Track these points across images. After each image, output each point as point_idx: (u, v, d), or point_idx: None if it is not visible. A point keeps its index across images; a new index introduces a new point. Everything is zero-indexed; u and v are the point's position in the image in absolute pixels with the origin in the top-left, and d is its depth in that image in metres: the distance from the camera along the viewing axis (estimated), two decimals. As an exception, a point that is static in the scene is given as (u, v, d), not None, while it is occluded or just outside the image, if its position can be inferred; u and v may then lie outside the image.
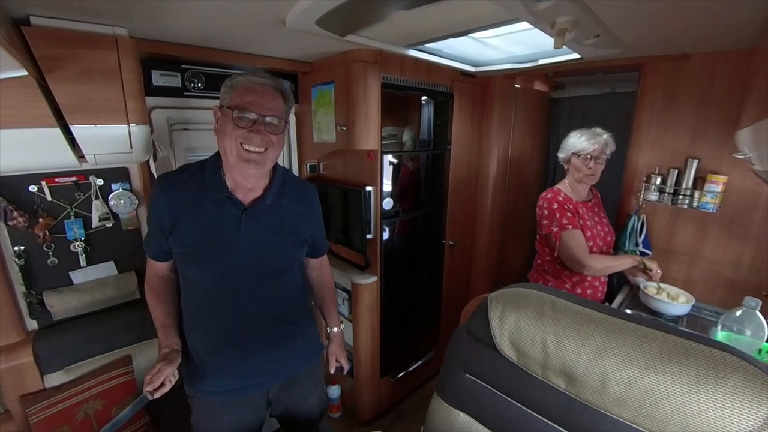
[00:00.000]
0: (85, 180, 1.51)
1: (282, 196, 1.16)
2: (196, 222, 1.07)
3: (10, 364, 1.38)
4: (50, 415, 1.39)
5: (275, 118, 1.04)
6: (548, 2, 0.99)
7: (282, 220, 1.16)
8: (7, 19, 1.05)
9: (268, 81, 1.05)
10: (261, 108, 1.01)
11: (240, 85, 1.02)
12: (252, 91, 1.02)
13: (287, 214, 1.17)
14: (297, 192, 1.21)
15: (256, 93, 1.02)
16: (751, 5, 1.07)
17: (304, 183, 1.31)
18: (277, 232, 1.15)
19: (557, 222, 1.65)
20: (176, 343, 1.11)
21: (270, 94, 1.04)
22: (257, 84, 1.03)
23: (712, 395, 0.63)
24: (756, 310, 1.17)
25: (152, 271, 1.20)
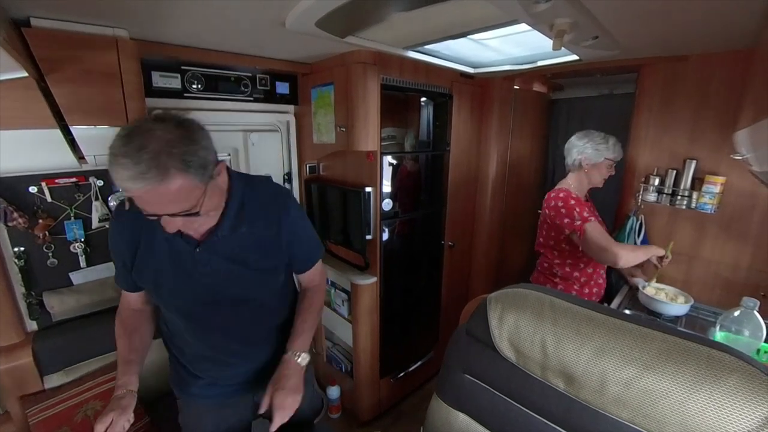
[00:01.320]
0: (85, 181, 1.51)
1: (239, 222, 1.01)
2: (152, 259, 0.99)
3: (9, 365, 1.38)
4: (50, 416, 1.39)
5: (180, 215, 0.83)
6: (547, 4, 0.99)
7: (243, 248, 1.03)
8: (8, 20, 1.06)
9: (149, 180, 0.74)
10: (156, 211, 0.81)
11: (122, 187, 0.77)
12: (134, 195, 0.78)
13: (248, 240, 1.03)
14: (260, 213, 1.05)
15: (141, 200, 0.80)
16: (748, 6, 1.08)
17: (271, 198, 1.09)
18: (237, 262, 1.02)
19: (579, 216, 1.60)
20: (133, 383, 1.01)
21: (159, 199, 0.78)
22: (137, 189, 0.76)
23: (710, 395, 0.63)
24: (754, 310, 1.17)
25: (125, 303, 1.14)
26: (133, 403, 0.97)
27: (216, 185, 0.91)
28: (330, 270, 2.19)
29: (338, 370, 2.35)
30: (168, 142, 0.76)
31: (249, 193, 1.05)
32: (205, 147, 0.83)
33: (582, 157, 1.71)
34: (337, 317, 2.26)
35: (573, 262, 1.74)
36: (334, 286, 2.23)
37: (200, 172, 0.81)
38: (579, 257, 1.72)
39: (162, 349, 1.21)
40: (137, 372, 1.04)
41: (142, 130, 0.76)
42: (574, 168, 1.76)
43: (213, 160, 0.86)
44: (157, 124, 0.78)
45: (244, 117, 1.98)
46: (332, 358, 2.42)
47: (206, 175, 0.84)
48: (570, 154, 1.76)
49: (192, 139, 0.81)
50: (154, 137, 0.76)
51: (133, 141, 0.74)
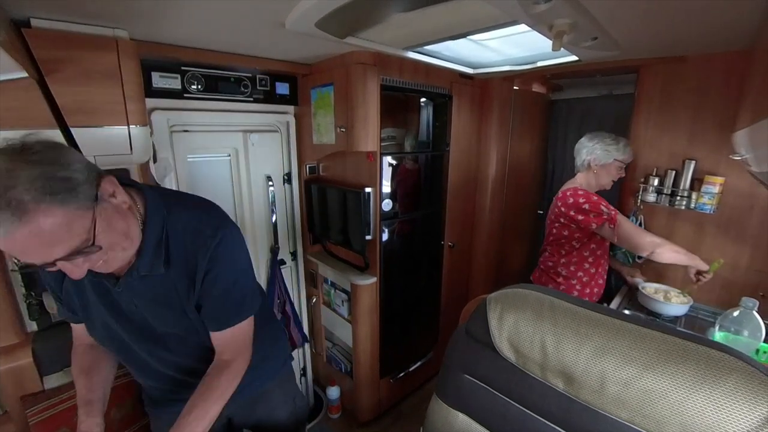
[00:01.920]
0: (84, 181, 1.51)
1: (157, 263, 0.86)
2: (77, 293, 0.92)
3: (9, 366, 1.37)
4: (50, 416, 1.38)
5: (70, 257, 0.68)
6: (546, 5, 0.99)
7: (166, 290, 0.90)
8: (8, 21, 1.06)
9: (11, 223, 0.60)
10: (43, 259, 0.66)
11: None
12: (6, 250, 0.66)
13: (166, 283, 0.89)
14: (184, 250, 0.88)
15: (15, 253, 0.67)
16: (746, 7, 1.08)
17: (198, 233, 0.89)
18: (162, 303, 0.91)
19: (607, 208, 1.59)
20: (99, 425, 0.91)
21: (33, 244, 0.64)
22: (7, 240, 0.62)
23: (710, 395, 0.63)
24: (753, 310, 1.18)
25: (77, 339, 1.04)
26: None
27: (113, 208, 0.76)
28: (330, 270, 2.20)
29: (338, 370, 2.35)
30: (9, 172, 0.61)
31: (171, 223, 0.88)
32: (65, 165, 0.67)
33: (591, 158, 1.71)
34: (336, 317, 2.26)
35: (578, 261, 1.74)
36: (334, 286, 2.24)
37: (70, 194, 0.65)
38: (585, 257, 1.72)
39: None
40: (101, 412, 0.94)
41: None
42: (583, 168, 1.76)
43: (84, 180, 0.69)
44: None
45: (244, 117, 1.98)
46: (332, 359, 2.42)
47: (82, 198, 0.68)
48: (579, 154, 1.76)
49: (44, 161, 0.64)
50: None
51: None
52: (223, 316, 0.95)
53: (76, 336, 1.04)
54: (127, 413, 1.36)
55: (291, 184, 2.26)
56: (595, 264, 1.74)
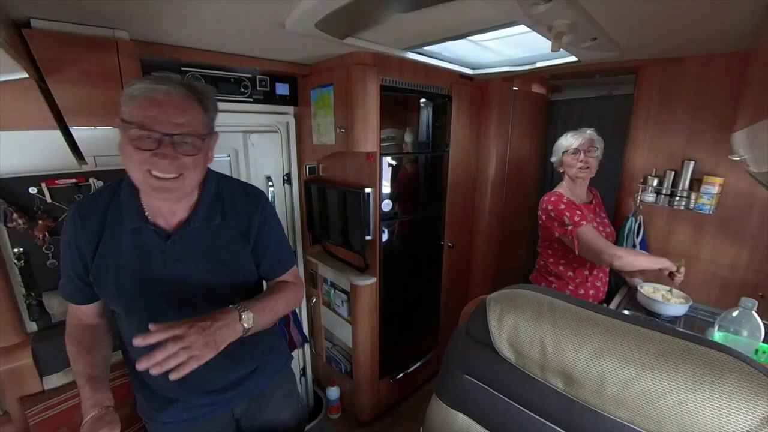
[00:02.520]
0: (85, 182, 1.51)
1: (213, 214, 0.97)
2: (114, 255, 0.92)
3: (9, 366, 1.37)
4: (49, 416, 1.39)
5: (187, 136, 0.83)
6: (546, 5, 0.99)
7: (217, 242, 0.98)
8: (8, 22, 1.06)
9: (174, 87, 0.82)
10: (167, 125, 0.80)
11: (139, 95, 0.80)
12: (154, 102, 0.80)
13: (223, 235, 0.99)
14: (236, 205, 1.02)
15: (160, 105, 0.80)
16: (745, 8, 1.09)
17: (248, 192, 1.07)
18: (212, 258, 0.97)
19: (569, 220, 1.62)
20: (108, 398, 0.90)
21: (178, 104, 0.82)
22: (160, 92, 0.80)
23: (709, 395, 0.63)
24: (752, 310, 1.18)
25: (74, 319, 1.03)
26: (117, 419, 0.86)
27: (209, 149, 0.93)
28: (329, 271, 2.19)
29: (338, 370, 2.35)
30: (191, 79, 0.95)
31: (224, 185, 1.03)
32: (215, 104, 0.92)
33: (554, 160, 1.81)
34: (336, 318, 2.26)
35: (566, 261, 1.76)
36: (333, 286, 2.24)
37: (210, 108, 0.89)
38: (572, 258, 1.73)
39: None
40: (108, 387, 0.93)
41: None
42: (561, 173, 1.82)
43: (214, 119, 0.93)
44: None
45: (244, 118, 1.98)
46: (332, 359, 2.42)
47: (211, 120, 0.91)
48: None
49: (209, 89, 0.91)
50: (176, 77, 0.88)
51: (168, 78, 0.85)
52: (284, 259, 1.13)
53: (74, 318, 1.04)
54: (127, 413, 1.36)
55: (291, 184, 2.26)
56: (587, 266, 1.74)
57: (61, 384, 1.47)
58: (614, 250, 1.55)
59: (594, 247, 1.57)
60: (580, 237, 1.59)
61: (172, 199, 0.91)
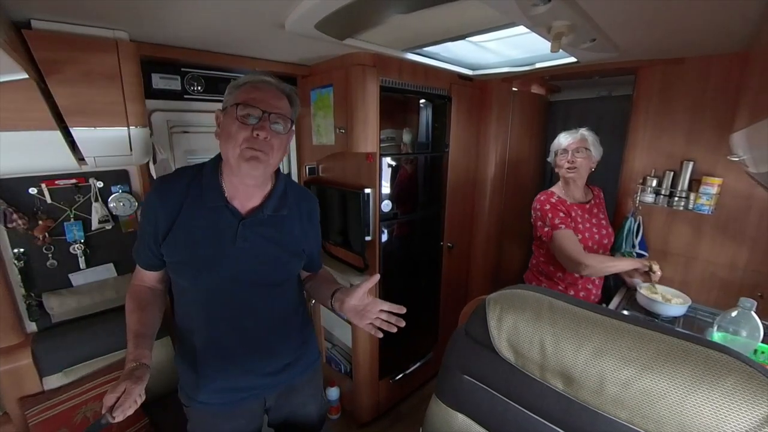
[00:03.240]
0: (84, 182, 1.52)
1: (282, 206, 1.11)
2: (192, 229, 1.01)
3: (9, 366, 1.38)
4: (49, 417, 1.39)
5: (280, 117, 1.00)
6: (545, 6, 1.00)
7: (281, 230, 1.11)
8: (9, 23, 1.06)
9: (273, 81, 1.04)
10: (266, 105, 0.98)
11: (246, 84, 1.01)
12: (257, 88, 1.00)
13: (287, 224, 1.12)
14: (299, 202, 1.17)
15: (262, 90, 1.00)
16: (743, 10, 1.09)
17: (306, 193, 1.24)
18: (275, 243, 1.09)
19: (549, 222, 1.67)
20: (146, 357, 0.96)
21: (274, 93, 1.02)
22: (263, 82, 1.02)
23: (708, 396, 0.63)
24: (751, 310, 1.18)
25: (139, 279, 1.13)
26: (146, 377, 0.91)
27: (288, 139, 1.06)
28: (329, 271, 2.19)
29: (337, 371, 2.35)
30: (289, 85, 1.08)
31: (289, 184, 1.17)
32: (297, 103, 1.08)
33: (550, 160, 1.87)
34: (336, 318, 2.26)
35: (555, 261, 1.76)
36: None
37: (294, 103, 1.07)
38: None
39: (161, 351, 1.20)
40: (150, 347, 1.00)
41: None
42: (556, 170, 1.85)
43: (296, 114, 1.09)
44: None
45: (244, 118, 1.98)
46: (331, 360, 2.42)
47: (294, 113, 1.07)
48: None
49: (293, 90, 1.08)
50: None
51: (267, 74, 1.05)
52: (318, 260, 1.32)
53: (138, 278, 1.13)
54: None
55: (290, 185, 2.26)
56: None
57: (61, 384, 1.48)
58: (583, 259, 1.58)
59: (567, 253, 1.61)
60: (555, 241, 1.63)
61: (257, 177, 1.03)
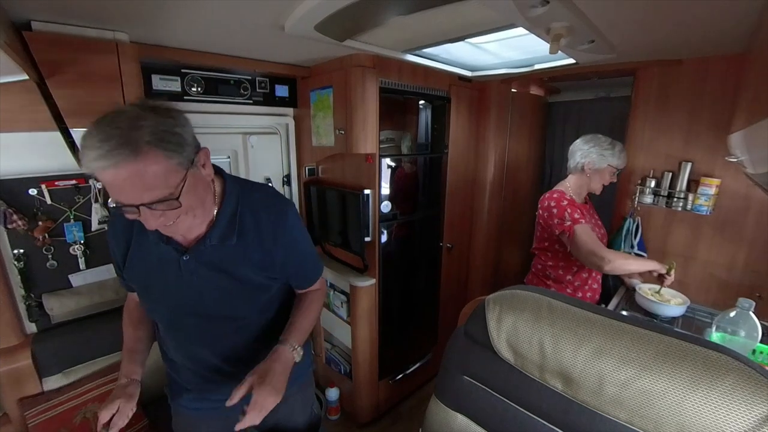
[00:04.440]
0: (84, 183, 1.52)
1: (230, 233, 0.94)
2: (141, 260, 0.97)
3: (8, 367, 1.37)
4: (49, 418, 1.39)
5: (159, 203, 0.76)
6: (543, 8, 1.00)
7: (233, 261, 0.96)
8: (9, 24, 1.06)
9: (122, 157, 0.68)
10: (127, 197, 0.74)
11: (95, 170, 0.70)
12: (111, 185, 0.73)
13: (239, 253, 0.96)
14: (258, 224, 0.97)
15: (118, 188, 0.73)
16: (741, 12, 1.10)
17: (269, 203, 1.01)
18: (226, 274, 0.96)
19: (569, 216, 1.60)
20: (137, 373, 0.98)
21: (133, 183, 0.72)
22: (109, 174, 0.70)
23: (707, 396, 0.63)
24: (750, 311, 1.18)
25: (131, 296, 1.12)
26: (137, 392, 0.95)
27: (200, 176, 0.84)
28: (329, 272, 2.20)
29: (337, 372, 2.35)
30: (138, 116, 0.73)
31: (245, 200, 0.98)
32: (181, 125, 0.78)
33: (586, 161, 1.70)
34: (336, 319, 2.26)
35: (566, 264, 1.74)
36: (333, 287, 2.24)
37: (177, 150, 0.75)
38: (572, 260, 1.72)
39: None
40: (142, 362, 1.02)
41: (111, 112, 0.74)
42: (576, 171, 1.76)
43: (192, 143, 0.81)
44: (127, 106, 0.77)
45: (244, 120, 1.98)
46: (331, 360, 2.42)
47: (184, 157, 0.77)
48: (573, 156, 1.76)
49: (165, 115, 0.76)
50: (124, 114, 0.73)
51: (103, 120, 0.72)
52: (310, 273, 1.14)
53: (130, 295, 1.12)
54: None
55: (290, 185, 2.26)
56: (586, 269, 1.74)
57: (61, 385, 1.48)
58: (606, 253, 1.53)
59: (588, 247, 1.55)
60: (577, 234, 1.57)
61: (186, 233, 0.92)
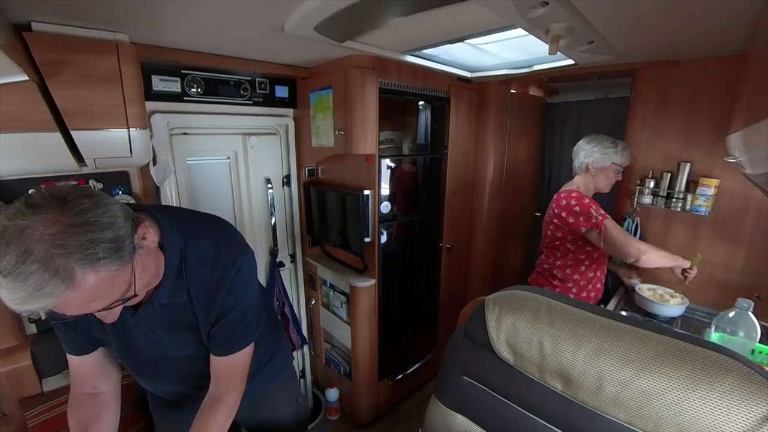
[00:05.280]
0: (84, 184, 1.51)
1: (179, 291, 0.86)
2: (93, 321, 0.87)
3: (8, 368, 1.37)
4: (48, 418, 1.38)
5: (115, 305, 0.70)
6: (543, 9, 1.00)
7: (183, 315, 0.90)
8: (9, 25, 1.06)
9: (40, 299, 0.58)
10: (81, 312, 0.67)
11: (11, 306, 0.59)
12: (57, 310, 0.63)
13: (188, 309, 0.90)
14: (201, 280, 0.88)
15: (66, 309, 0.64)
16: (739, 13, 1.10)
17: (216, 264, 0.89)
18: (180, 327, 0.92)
19: (596, 212, 1.60)
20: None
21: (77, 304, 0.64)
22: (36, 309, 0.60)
23: (706, 396, 0.63)
24: (748, 311, 1.19)
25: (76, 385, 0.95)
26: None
27: (146, 251, 0.75)
28: (329, 272, 2.20)
29: (337, 372, 2.35)
30: (54, 237, 0.58)
31: (189, 252, 0.86)
32: (110, 224, 0.65)
33: (590, 161, 1.72)
34: (335, 319, 2.26)
35: (574, 263, 1.74)
36: (332, 288, 2.24)
37: (116, 257, 0.65)
38: (581, 260, 1.72)
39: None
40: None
41: (13, 234, 0.57)
42: (581, 171, 1.77)
43: (126, 234, 0.68)
44: (28, 217, 0.58)
45: (244, 120, 1.98)
46: (331, 361, 2.42)
47: (126, 255, 0.67)
48: (578, 156, 1.76)
49: (87, 223, 0.62)
50: (34, 238, 0.57)
51: (9, 252, 0.56)
52: (228, 343, 0.94)
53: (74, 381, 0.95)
54: (127, 416, 1.36)
55: (290, 186, 2.26)
56: (593, 268, 1.75)
57: (60, 386, 1.47)
58: (640, 245, 1.55)
59: (622, 240, 1.55)
60: (608, 229, 1.57)
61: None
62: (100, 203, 0.65)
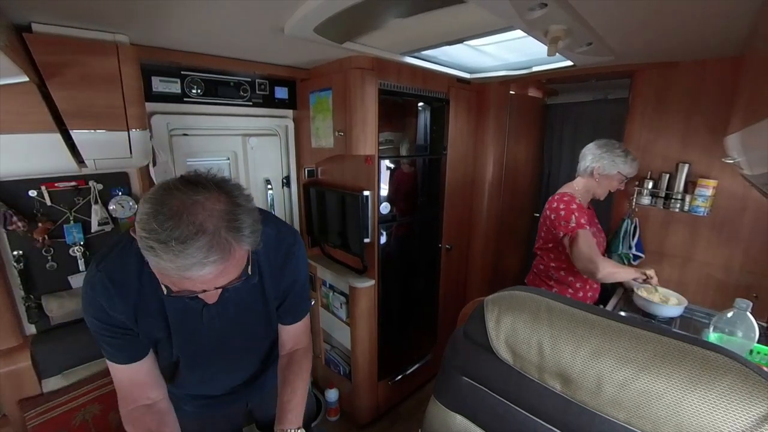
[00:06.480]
0: (84, 185, 1.52)
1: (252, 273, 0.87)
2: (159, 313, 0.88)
3: (8, 369, 1.37)
4: (48, 419, 1.39)
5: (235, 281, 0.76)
6: (541, 11, 1.01)
7: (253, 297, 0.98)
8: (9, 26, 1.06)
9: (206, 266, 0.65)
10: (207, 287, 0.72)
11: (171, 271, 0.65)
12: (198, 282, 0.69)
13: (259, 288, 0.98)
14: (269, 257, 0.96)
15: (188, 283, 0.69)
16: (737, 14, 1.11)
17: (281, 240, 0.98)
18: (248, 310, 0.99)
19: (576, 220, 1.61)
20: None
21: (216, 277, 0.70)
22: (194, 277, 0.66)
23: (705, 396, 0.64)
24: (747, 311, 1.19)
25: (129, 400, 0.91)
26: None
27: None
28: (328, 273, 2.20)
29: (336, 372, 2.35)
30: (222, 213, 0.67)
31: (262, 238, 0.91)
32: (252, 209, 0.75)
33: (596, 165, 1.69)
34: (335, 320, 2.26)
35: (568, 266, 1.74)
36: (332, 289, 2.24)
37: (253, 237, 0.72)
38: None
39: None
40: None
41: (187, 207, 0.65)
42: (585, 174, 1.74)
43: (259, 218, 0.76)
44: (198, 194, 0.66)
45: (243, 121, 1.99)
46: (330, 361, 2.42)
47: (258, 239, 0.75)
48: (584, 159, 1.74)
49: (241, 205, 0.71)
50: (205, 212, 0.65)
51: (183, 222, 0.63)
52: (300, 309, 1.11)
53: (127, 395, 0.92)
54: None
55: (290, 187, 2.27)
56: None
57: (60, 387, 1.47)
58: (599, 262, 1.57)
59: (587, 253, 1.58)
60: (579, 238, 1.59)
61: None
62: (243, 190, 0.76)
